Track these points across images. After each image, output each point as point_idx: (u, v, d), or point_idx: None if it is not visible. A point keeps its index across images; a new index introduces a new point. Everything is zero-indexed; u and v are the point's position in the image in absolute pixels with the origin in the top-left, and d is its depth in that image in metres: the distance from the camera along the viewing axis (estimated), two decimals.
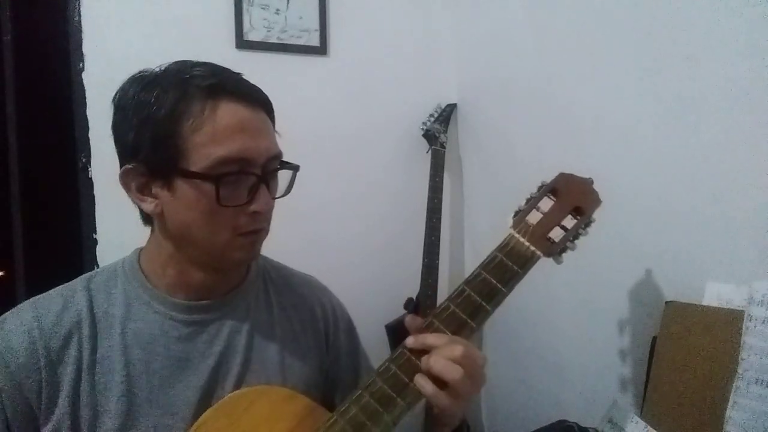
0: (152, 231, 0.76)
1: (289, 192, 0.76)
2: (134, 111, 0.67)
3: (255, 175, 0.68)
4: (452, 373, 0.62)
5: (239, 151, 0.66)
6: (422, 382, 0.64)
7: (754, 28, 0.89)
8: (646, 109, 1.10)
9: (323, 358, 0.85)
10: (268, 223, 0.74)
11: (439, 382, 0.63)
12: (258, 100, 0.71)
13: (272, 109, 0.75)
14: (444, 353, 0.63)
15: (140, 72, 0.70)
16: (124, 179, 0.70)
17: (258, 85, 0.73)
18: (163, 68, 0.70)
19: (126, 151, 0.69)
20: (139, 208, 0.73)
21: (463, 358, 0.62)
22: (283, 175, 0.75)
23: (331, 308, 0.89)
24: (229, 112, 0.67)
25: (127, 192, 0.71)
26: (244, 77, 0.73)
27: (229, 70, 0.72)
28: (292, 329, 0.83)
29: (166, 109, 0.66)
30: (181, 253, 0.72)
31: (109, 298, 0.74)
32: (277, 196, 0.74)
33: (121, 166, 0.70)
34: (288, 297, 0.85)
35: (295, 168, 0.75)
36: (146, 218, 0.75)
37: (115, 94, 0.70)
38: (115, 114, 0.70)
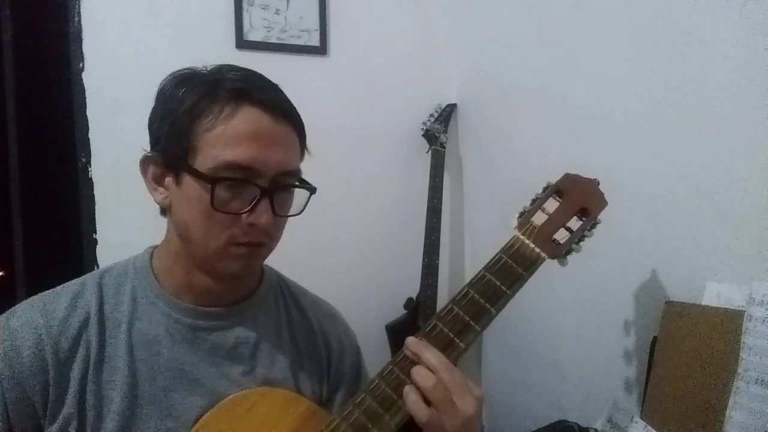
0: (167, 228, 0.76)
1: (301, 212, 0.74)
2: (164, 103, 0.70)
3: (259, 186, 0.66)
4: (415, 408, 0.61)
5: (246, 159, 0.65)
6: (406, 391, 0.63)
7: (755, 28, 0.89)
8: (645, 109, 1.10)
9: (323, 385, 0.84)
10: (271, 239, 0.71)
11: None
12: (284, 113, 0.69)
13: (302, 126, 0.73)
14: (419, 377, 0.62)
15: (184, 69, 0.71)
16: (143, 166, 0.72)
17: None
18: (206, 68, 0.71)
19: (151, 140, 0.72)
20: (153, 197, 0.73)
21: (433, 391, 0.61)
22: (302, 194, 0.73)
23: (338, 336, 0.86)
24: (246, 118, 0.66)
25: (143, 179, 0.72)
26: (279, 90, 0.72)
27: (266, 79, 0.72)
28: (298, 349, 0.82)
29: (188, 104, 0.67)
30: (186, 252, 0.72)
31: (118, 295, 0.73)
32: (288, 214, 0.73)
33: None
34: (297, 317, 0.84)
35: (311, 190, 0.73)
36: (162, 209, 0.74)
37: (159, 86, 0.72)
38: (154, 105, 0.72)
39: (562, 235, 0.71)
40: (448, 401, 0.61)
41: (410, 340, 0.66)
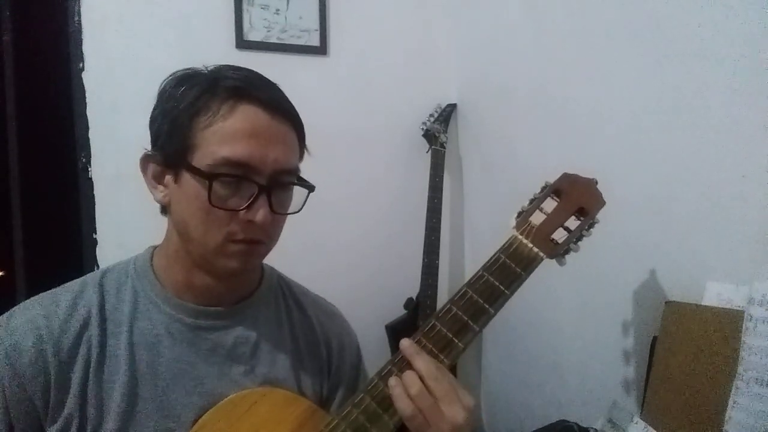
0: (167, 227, 0.76)
1: (300, 210, 0.74)
2: (164, 102, 0.70)
3: (257, 183, 0.66)
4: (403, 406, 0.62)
5: (244, 156, 0.65)
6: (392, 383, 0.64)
7: (755, 27, 0.89)
8: (645, 110, 1.10)
9: (323, 384, 0.84)
10: (269, 238, 0.71)
11: None
12: (283, 111, 0.69)
13: (301, 125, 0.73)
14: (406, 384, 0.63)
15: (185, 69, 0.72)
16: (142, 164, 0.72)
17: None
18: (206, 68, 0.71)
19: (151, 138, 0.72)
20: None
21: (415, 398, 0.62)
22: (301, 192, 0.73)
23: (338, 335, 0.86)
24: (244, 116, 0.66)
25: (143, 177, 0.72)
26: (278, 89, 0.72)
27: (265, 79, 0.72)
28: (299, 348, 0.82)
29: (187, 102, 0.67)
30: (185, 251, 0.72)
31: (118, 295, 0.73)
32: (287, 212, 0.73)
33: None
34: (297, 316, 0.84)
35: (309, 188, 0.73)
36: (162, 208, 0.75)
37: (160, 86, 0.72)
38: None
39: (560, 235, 0.71)
40: (434, 408, 0.61)
41: (404, 343, 0.66)
